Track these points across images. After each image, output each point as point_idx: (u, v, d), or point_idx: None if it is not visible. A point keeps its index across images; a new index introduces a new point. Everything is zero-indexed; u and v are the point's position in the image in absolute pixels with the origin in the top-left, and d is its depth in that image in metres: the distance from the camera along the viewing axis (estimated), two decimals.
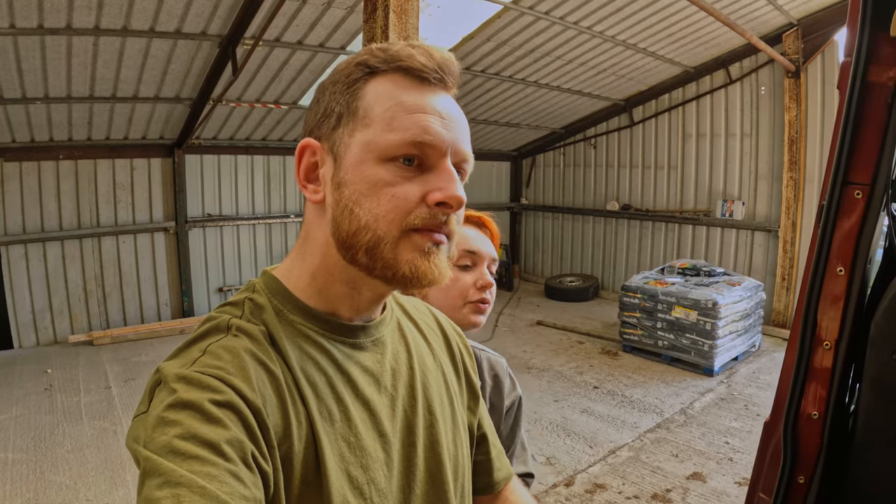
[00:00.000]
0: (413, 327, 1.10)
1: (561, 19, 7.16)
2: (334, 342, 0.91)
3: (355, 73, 0.88)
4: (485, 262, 1.65)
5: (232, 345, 0.81)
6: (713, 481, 4.60)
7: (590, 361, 7.54)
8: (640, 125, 10.75)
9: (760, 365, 7.30)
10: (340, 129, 0.87)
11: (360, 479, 0.86)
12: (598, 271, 11.79)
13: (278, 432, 0.78)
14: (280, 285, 0.92)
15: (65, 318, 8.19)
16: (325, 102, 0.90)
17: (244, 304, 0.89)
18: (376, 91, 0.86)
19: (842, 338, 1.33)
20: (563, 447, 5.25)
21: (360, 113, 0.86)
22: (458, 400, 1.11)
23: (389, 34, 2.89)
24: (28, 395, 6.22)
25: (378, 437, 0.91)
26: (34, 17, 5.22)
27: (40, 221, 7.86)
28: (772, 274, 8.97)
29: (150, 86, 6.95)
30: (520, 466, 1.74)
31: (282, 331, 0.87)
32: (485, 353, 1.82)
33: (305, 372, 0.86)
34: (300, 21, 6.27)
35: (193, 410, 0.71)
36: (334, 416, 0.86)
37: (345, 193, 0.85)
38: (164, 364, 0.79)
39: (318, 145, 0.90)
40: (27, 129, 7.23)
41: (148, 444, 0.69)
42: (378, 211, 0.83)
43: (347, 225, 0.85)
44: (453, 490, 1.00)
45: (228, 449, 0.69)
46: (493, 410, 1.75)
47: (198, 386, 0.73)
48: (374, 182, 0.84)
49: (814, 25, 7.99)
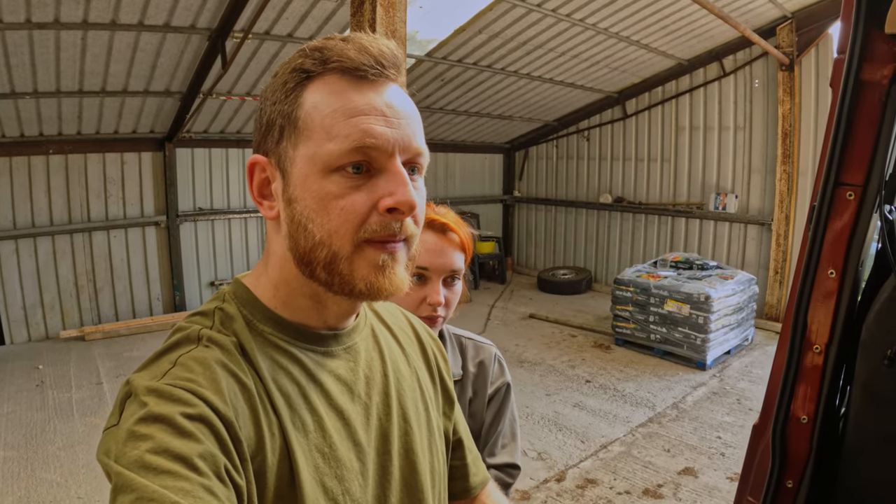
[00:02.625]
0: (387, 332, 1.08)
1: (553, 11, 7.12)
2: (306, 351, 0.90)
3: (291, 80, 0.84)
4: (439, 277, 1.57)
5: (203, 356, 0.79)
6: (705, 476, 4.60)
7: (582, 355, 7.53)
8: (634, 118, 10.73)
9: (753, 359, 7.31)
10: (284, 143, 0.84)
11: (335, 490, 0.84)
12: (591, 264, 11.78)
13: (251, 445, 0.77)
14: (250, 294, 0.90)
15: (56, 314, 8.13)
16: (267, 114, 0.86)
17: (214, 315, 0.87)
18: (313, 98, 0.82)
19: (832, 342, 1.31)
20: (555, 442, 5.24)
21: (300, 124, 0.82)
22: (434, 405, 1.10)
23: (377, 27, 2.86)
24: (19, 391, 6.18)
25: (353, 446, 0.89)
26: (21, 12, 5.17)
27: (31, 217, 7.79)
28: (765, 267, 8.98)
29: (140, 79, 6.89)
30: (505, 457, 1.72)
31: (252, 341, 0.85)
32: (471, 340, 1.80)
33: (277, 382, 0.84)
34: (290, 14, 6.22)
35: (165, 424, 0.70)
36: (308, 427, 0.84)
37: (296, 209, 0.83)
38: (134, 376, 0.78)
39: (266, 161, 0.87)
40: (16, 123, 7.16)
41: (119, 458, 0.68)
42: (330, 226, 0.81)
43: (304, 241, 0.83)
44: (431, 498, 0.99)
45: (201, 463, 0.68)
46: (476, 398, 1.73)
47: (169, 399, 0.72)
48: (321, 196, 0.81)
49: (808, 18, 7.96)
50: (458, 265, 1.60)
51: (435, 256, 1.56)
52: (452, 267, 1.58)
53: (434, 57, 8.03)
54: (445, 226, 1.59)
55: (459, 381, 1.72)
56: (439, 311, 1.57)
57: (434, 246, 1.56)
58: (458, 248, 1.60)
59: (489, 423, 1.74)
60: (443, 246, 1.57)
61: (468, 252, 1.63)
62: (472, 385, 1.73)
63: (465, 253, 1.62)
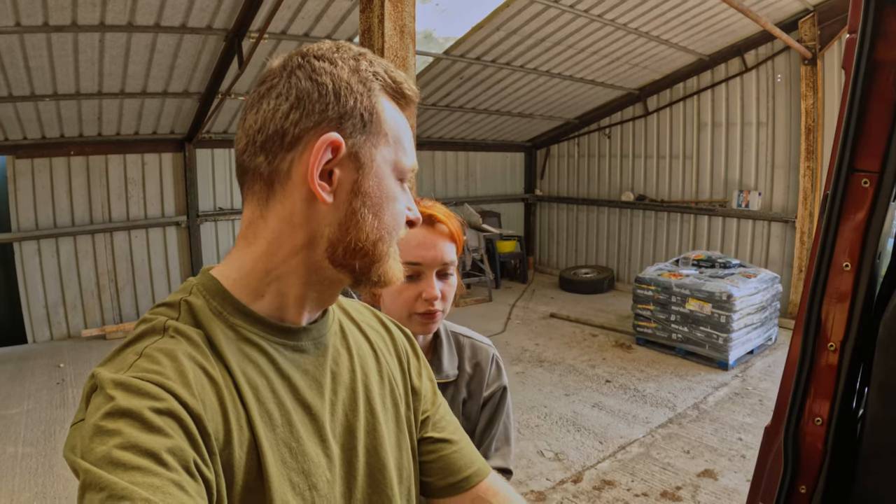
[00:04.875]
0: (356, 330, 1.09)
1: (571, 7, 7.05)
2: (275, 345, 0.89)
3: (373, 82, 0.88)
4: (433, 270, 1.54)
5: (169, 347, 0.78)
6: (725, 479, 4.51)
7: (603, 354, 7.45)
8: (655, 115, 10.61)
9: (776, 359, 7.17)
10: (365, 136, 0.87)
11: (301, 485, 0.85)
12: (612, 263, 11.67)
13: (219, 438, 0.76)
14: (219, 286, 0.87)
15: (78, 313, 8.22)
16: (345, 97, 0.85)
17: (180, 306, 0.85)
18: (388, 109, 0.90)
19: (848, 338, 1.23)
20: (573, 442, 5.17)
21: (382, 126, 0.88)
22: (403, 402, 1.09)
23: (385, 23, 2.82)
24: (40, 389, 6.25)
25: (319, 441, 0.90)
26: (39, 15, 5.22)
27: (52, 217, 7.88)
28: (788, 266, 8.83)
29: (158, 81, 6.94)
30: (497, 461, 1.67)
31: (221, 333, 0.84)
32: (469, 339, 1.76)
33: (246, 376, 0.83)
34: (305, 13, 6.23)
35: (133, 419, 0.68)
36: (276, 421, 0.84)
37: (367, 202, 0.87)
38: (99, 369, 0.76)
39: (343, 144, 0.85)
40: (37, 125, 7.25)
41: (86, 454, 0.67)
42: (391, 224, 0.90)
43: (363, 233, 0.87)
44: (398, 494, 1.00)
45: (170, 458, 0.67)
46: (470, 399, 1.70)
47: (136, 393, 0.71)
48: (392, 198, 0.90)
49: (830, 11, 7.79)
50: (451, 257, 1.56)
51: (425, 250, 1.53)
52: (444, 259, 1.55)
53: (452, 55, 7.98)
54: (433, 217, 1.55)
55: (454, 381, 1.68)
56: (437, 306, 1.54)
57: (424, 239, 1.53)
58: (449, 239, 1.56)
59: (483, 426, 1.70)
60: (433, 238, 1.54)
61: (459, 243, 1.60)
62: (467, 386, 1.69)
63: (455, 244, 1.58)
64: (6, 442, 5.09)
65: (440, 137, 11.41)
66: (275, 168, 0.85)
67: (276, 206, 0.86)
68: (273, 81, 0.86)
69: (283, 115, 0.84)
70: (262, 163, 0.85)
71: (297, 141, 0.84)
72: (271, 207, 0.86)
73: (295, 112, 0.84)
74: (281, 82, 0.85)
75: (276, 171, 0.85)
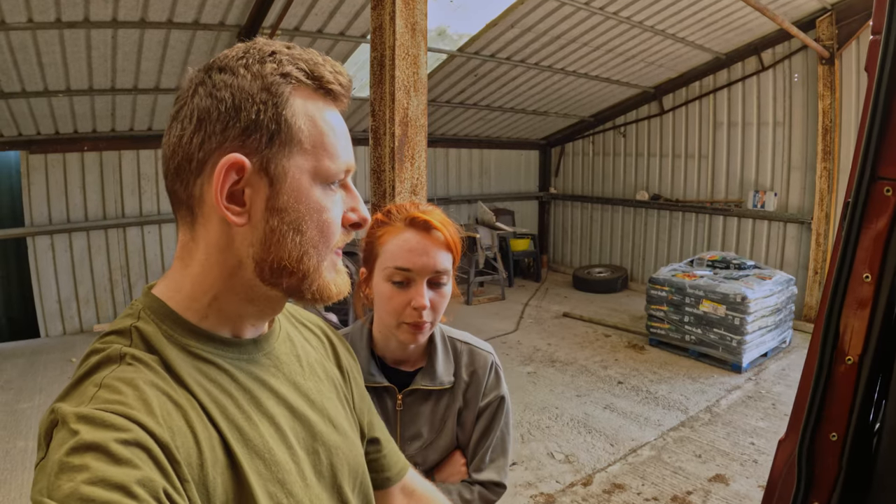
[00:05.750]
0: (298, 334, 1.09)
1: (586, 4, 7.00)
2: (230, 360, 0.88)
3: (280, 85, 0.82)
4: (423, 278, 1.49)
5: (129, 376, 0.76)
6: (736, 484, 4.45)
7: (615, 355, 7.39)
8: (671, 113, 10.53)
9: (790, 362, 7.09)
10: (274, 148, 0.82)
11: (278, 495, 0.84)
12: (627, 262, 11.61)
13: (192, 463, 0.75)
14: (166, 308, 0.86)
15: (90, 308, 8.26)
16: (247, 111, 0.80)
17: (131, 333, 0.83)
18: (303, 109, 0.84)
19: (867, 352, 1.19)
20: (584, 444, 5.13)
21: (294, 134, 0.82)
22: (346, 403, 1.12)
23: (397, 20, 2.79)
24: (52, 383, 6.27)
25: (286, 449, 0.89)
26: (51, 12, 5.24)
27: (66, 213, 7.93)
28: (804, 268, 8.72)
29: (171, 77, 6.95)
30: (490, 473, 1.63)
31: (176, 357, 0.82)
32: (467, 345, 1.71)
33: (210, 395, 0.82)
34: (319, 10, 6.21)
35: (99, 452, 0.66)
36: (246, 435, 0.84)
37: (285, 219, 0.83)
38: (58, 404, 0.74)
39: (247, 163, 0.81)
40: (51, 121, 7.29)
41: (53, 492, 0.64)
42: (317, 238, 0.85)
43: (286, 251, 0.83)
44: (353, 493, 1.02)
45: (140, 490, 0.66)
46: (466, 408, 1.65)
47: (101, 425, 0.69)
48: (316, 209, 0.84)
49: (848, 10, 7.69)
50: (444, 265, 1.51)
51: (417, 256, 1.48)
52: (437, 267, 1.49)
53: (466, 52, 7.95)
54: (428, 223, 1.50)
55: (450, 389, 1.64)
56: (425, 316, 1.49)
57: (416, 245, 1.49)
58: (443, 248, 1.51)
59: (478, 436, 1.65)
60: (425, 245, 1.49)
61: (455, 252, 1.54)
62: (464, 395, 1.65)
63: (451, 252, 1.53)
64: (17, 436, 5.11)
65: (454, 134, 11.38)
66: (190, 194, 0.83)
67: (201, 230, 0.85)
68: (181, 103, 0.84)
69: (188, 140, 0.81)
70: (180, 189, 0.84)
71: (204, 165, 0.81)
72: (198, 232, 0.85)
73: (198, 135, 0.81)
74: (186, 103, 0.82)
75: (191, 196, 0.83)
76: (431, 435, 1.63)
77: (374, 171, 2.88)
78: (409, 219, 1.51)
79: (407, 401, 1.62)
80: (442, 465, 1.65)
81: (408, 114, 2.77)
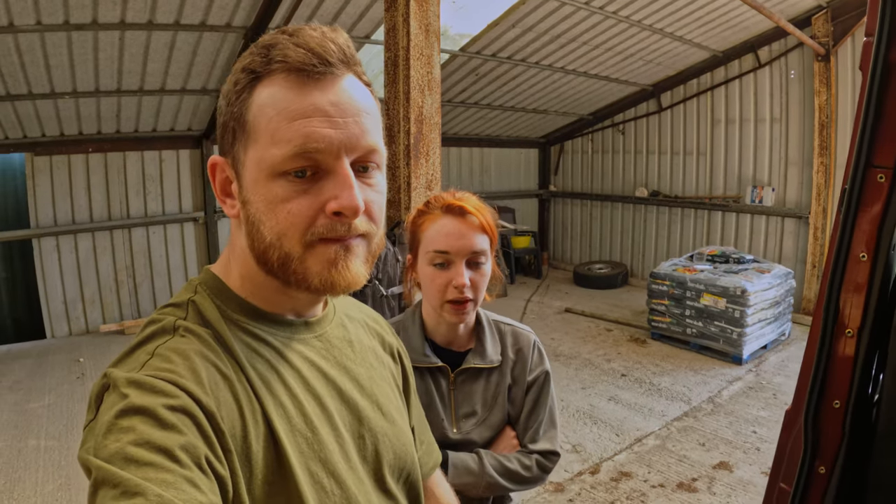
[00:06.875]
0: (356, 325, 1.11)
1: (586, 4, 7.08)
2: (281, 339, 0.91)
3: (241, 81, 0.84)
4: (462, 259, 1.59)
5: (181, 347, 0.80)
6: (739, 471, 4.55)
7: (618, 349, 7.49)
8: (669, 111, 10.62)
9: (790, 353, 7.19)
10: (237, 146, 0.85)
11: (319, 474, 0.86)
12: (626, 258, 11.69)
13: (235, 434, 0.78)
14: (222, 284, 0.92)
15: (96, 308, 8.31)
16: (223, 116, 0.87)
17: (188, 306, 0.88)
18: (260, 100, 0.82)
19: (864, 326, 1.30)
20: (590, 435, 5.23)
21: (249, 127, 0.83)
22: (399, 395, 1.14)
23: (411, 22, 2.88)
24: (60, 383, 6.34)
25: (332, 430, 0.91)
26: (60, 14, 5.29)
27: (71, 214, 7.97)
28: (802, 261, 8.82)
29: (177, 78, 7.01)
30: (546, 443, 1.73)
31: (228, 331, 0.86)
32: (510, 326, 1.82)
33: (257, 370, 0.85)
34: (324, 11, 6.29)
35: (146, 416, 0.69)
36: (290, 413, 0.86)
37: (250, 211, 0.84)
38: (112, 369, 0.78)
39: (224, 162, 0.88)
40: (56, 123, 7.34)
41: (99, 451, 0.68)
42: (279, 229, 0.82)
43: (259, 242, 0.84)
44: (397, 483, 1.03)
45: (183, 455, 0.68)
46: (515, 385, 1.75)
47: (150, 390, 0.72)
48: (269, 200, 0.82)
49: (843, 7, 7.78)
50: (481, 246, 1.60)
51: (454, 239, 1.58)
52: (474, 248, 1.59)
53: (468, 52, 8.04)
54: (463, 209, 1.61)
55: (499, 367, 1.74)
56: (467, 293, 1.58)
57: (453, 229, 1.59)
58: (479, 230, 1.61)
59: (529, 410, 1.76)
60: (461, 228, 1.59)
61: (492, 234, 1.64)
62: (512, 372, 1.75)
63: (487, 234, 1.62)
64: (29, 435, 5.18)
65: (455, 133, 11.45)
66: None
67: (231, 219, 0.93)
68: None
69: None
70: None
71: None
72: None
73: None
74: None
75: None
76: (485, 412, 1.73)
77: (389, 168, 2.96)
78: (445, 206, 1.63)
79: (459, 379, 1.72)
80: (496, 441, 1.74)
81: (423, 112, 2.86)
